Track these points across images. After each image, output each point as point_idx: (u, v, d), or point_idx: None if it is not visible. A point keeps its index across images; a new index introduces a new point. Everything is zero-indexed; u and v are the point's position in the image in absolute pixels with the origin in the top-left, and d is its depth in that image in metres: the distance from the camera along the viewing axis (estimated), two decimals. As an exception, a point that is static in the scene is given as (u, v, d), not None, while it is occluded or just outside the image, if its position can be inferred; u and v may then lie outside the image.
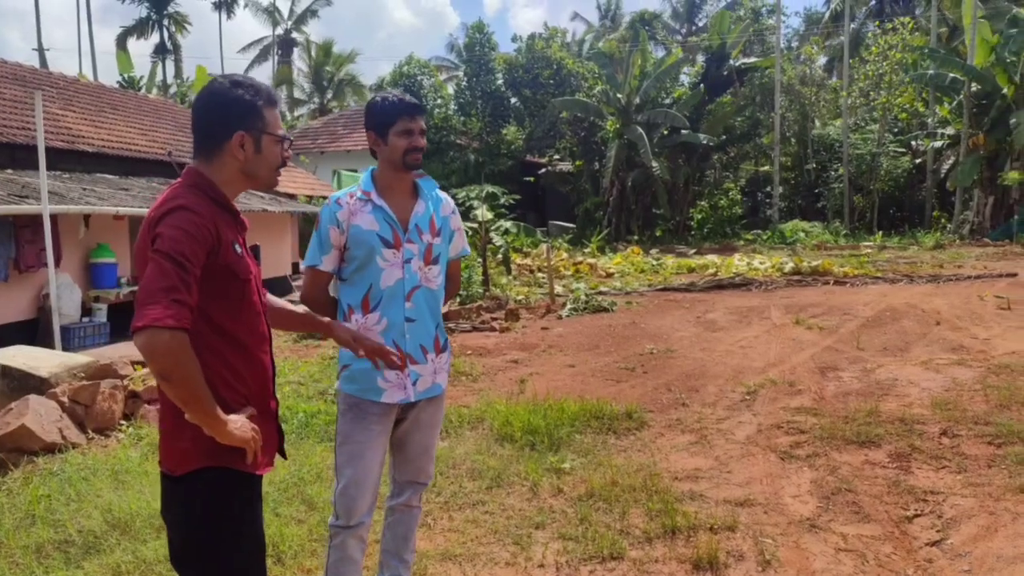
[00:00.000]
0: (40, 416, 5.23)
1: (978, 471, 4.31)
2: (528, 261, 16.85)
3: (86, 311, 10.63)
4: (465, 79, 30.12)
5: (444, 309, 10.30)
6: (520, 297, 12.08)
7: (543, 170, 28.88)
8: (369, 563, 3.08)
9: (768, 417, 5.40)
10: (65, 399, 5.56)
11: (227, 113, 1.97)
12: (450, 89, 32.01)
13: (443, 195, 2.85)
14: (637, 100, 25.68)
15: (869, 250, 19.71)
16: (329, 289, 2.79)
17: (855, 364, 6.93)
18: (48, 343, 8.96)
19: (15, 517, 4.01)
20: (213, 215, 1.91)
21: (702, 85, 26.13)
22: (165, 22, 40.07)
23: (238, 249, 1.98)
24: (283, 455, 2.22)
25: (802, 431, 5.05)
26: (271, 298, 2.35)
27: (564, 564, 3.38)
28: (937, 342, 7.77)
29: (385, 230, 2.61)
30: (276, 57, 46.24)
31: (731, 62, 27.76)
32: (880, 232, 24.02)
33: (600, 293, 12.14)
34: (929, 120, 25.83)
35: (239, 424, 1.87)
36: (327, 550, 2.74)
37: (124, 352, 8.18)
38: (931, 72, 23.36)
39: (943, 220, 24.27)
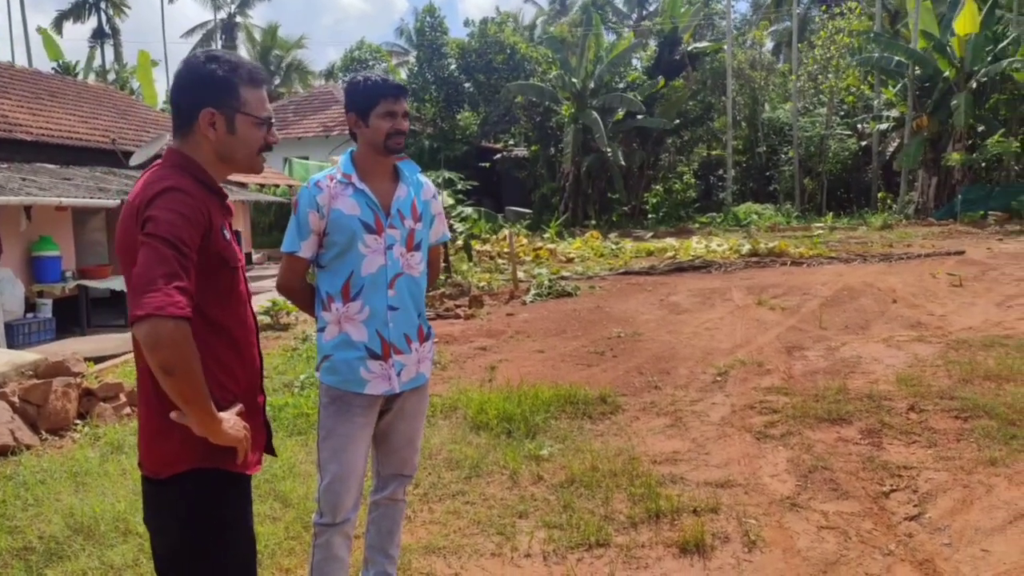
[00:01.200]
0: (-11, 418, 4.98)
1: (948, 445, 4.39)
2: (488, 247, 16.74)
3: (30, 307, 10.19)
4: (417, 64, 29.71)
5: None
6: (482, 284, 11.98)
7: (498, 155, 28.71)
8: (352, 559, 2.97)
9: (740, 398, 5.43)
10: (16, 399, 5.30)
11: (196, 89, 1.83)
12: (403, 74, 31.54)
13: (424, 179, 2.74)
14: (592, 85, 25.67)
15: (820, 231, 20.10)
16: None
17: (819, 343, 7.03)
18: (-9, 341, 8.57)
19: (-33, 525, 3.80)
20: (202, 196, 1.79)
21: (661, 76, 26.17)
22: (103, 5, 38.60)
23: (227, 235, 1.86)
24: (271, 452, 2.11)
25: (775, 410, 5.09)
26: None
27: (551, 553, 3.33)
28: (896, 319, 7.93)
29: (367, 215, 2.49)
30: (220, 42, 44.98)
31: (683, 46, 27.93)
32: (830, 213, 24.53)
33: (562, 278, 12.12)
34: (875, 103, 26.42)
35: (232, 423, 1.76)
36: (311, 549, 2.63)
37: (72, 348, 7.85)
38: (876, 55, 23.85)
39: (889, 200, 24.89)
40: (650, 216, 26.20)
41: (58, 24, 37.74)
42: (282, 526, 3.62)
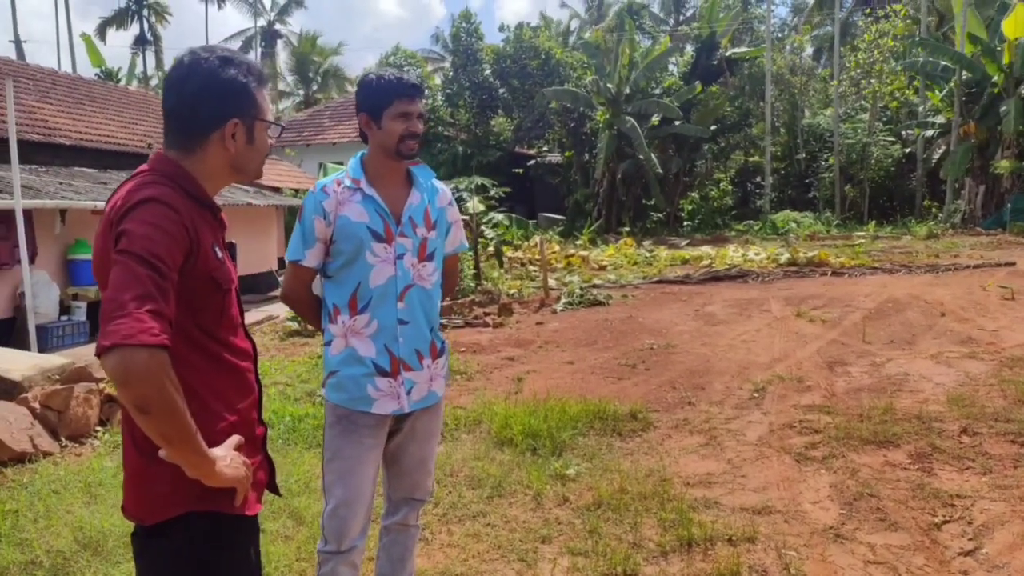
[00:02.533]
0: (9, 424, 4.92)
1: (1004, 472, 4.09)
2: (519, 254, 16.56)
3: (64, 309, 10.26)
4: (452, 70, 29.71)
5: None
6: (513, 291, 11.80)
7: (532, 161, 28.56)
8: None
9: (779, 416, 5.16)
10: (36, 405, 5.25)
11: (218, 98, 1.63)
12: (437, 80, 31.59)
13: (440, 185, 2.57)
14: (627, 90, 25.37)
15: (862, 240, 19.54)
16: (314, 287, 2.51)
17: (863, 358, 6.70)
18: (25, 343, 8.61)
19: (-22, 536, 3.71)
20: (190, 212, 1.58)
21: (698, 82, 25.75)
22: (145, 12, 39.37)
23: (219, 253, 1.66)
24: (275, 491, 1.89)
25: (816, 430, 4.82)
26: None
27: (574, 583, 3.12)
28: (944, 334, 7.56)
29: (376, 222, 2.32)
30: (260, 49, 45.62)
31: (721, 51, 27.49)
32: (872, 222, 23.88)
33: (594, 286, 11.88)
34: (920, 109, 25.70)
35: (228, 460, 1.54)
36: (316, 578, 2.47)
37: (103, 352, 7.83)
38: (921, 60, 23.20)
39: (934, 209, 24.16)
40: (686, 224, 25.81)
41: (101, 31, 38.59)
42: (294, 546, 3.46)
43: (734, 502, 3.84)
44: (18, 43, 34.14)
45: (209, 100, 1.63)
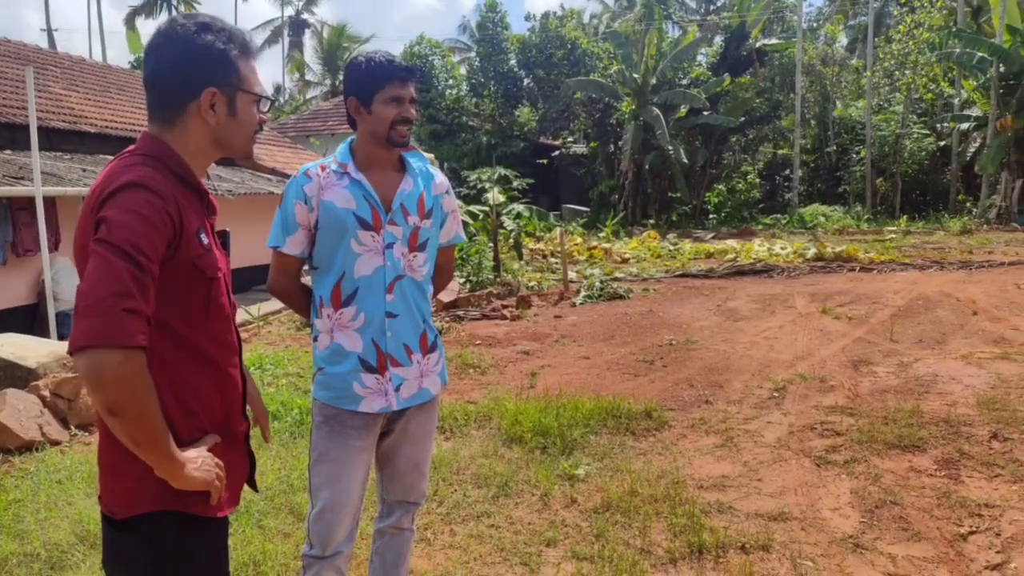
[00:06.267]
0: (18, 411, 4.92)
1: (1036, 481, 3.89)
2: (541, 246, 16.42)
3: (86, 296, 10.31)
4: (478, 60, 29.55)
5: (452, 296, 9.69)
6: (532, 283, 11.67)
7: (556, 152, 28.34)
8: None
9: (799, 417, 4.99)
10: (47, 392, 5.24)
11: (193, 65, 1.54)
12: (463, 70, 31.44)
13: (436, 171, 2.44)
14: (653, 81, 25.03)
15: (893, 235, 19.10)
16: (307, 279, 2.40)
17: (890, 357, 6.48)
18: (46, 330, 8.66)
19: (-20, 525, 3.69)
20: (175, 195, 1.49)
21: (726, 73, 25.28)
22: (173, 1, 39.64)
23: (204, 239, 1.56)
24: (253, 487, 1.83)
25: (838, 433, 4.64)
26: None
27: (578, 590, 3.00)
28: (976, 334, 7.30)
29: (363, 208, 2.21)
30: (287, 38, 45.79)
31: (751, 42, 26.98)
32: (904, 216, 23.34)
33: (615, 279, 11.71)
34: (955, 101, 25.05)
35: (199, 463, 1.49)
36: (302, 583, 2.37)
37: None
38: (957, 51, 22.58)
39: (969, 204, 23.56)
40: (711, 216, 25.44)
41: (130, 20, 38.87)
42: (292, 543, 3.38)
43: (749, 507, 3.69)
44: (50, 32, 34.62)
45: (184, 68, 1.55)
